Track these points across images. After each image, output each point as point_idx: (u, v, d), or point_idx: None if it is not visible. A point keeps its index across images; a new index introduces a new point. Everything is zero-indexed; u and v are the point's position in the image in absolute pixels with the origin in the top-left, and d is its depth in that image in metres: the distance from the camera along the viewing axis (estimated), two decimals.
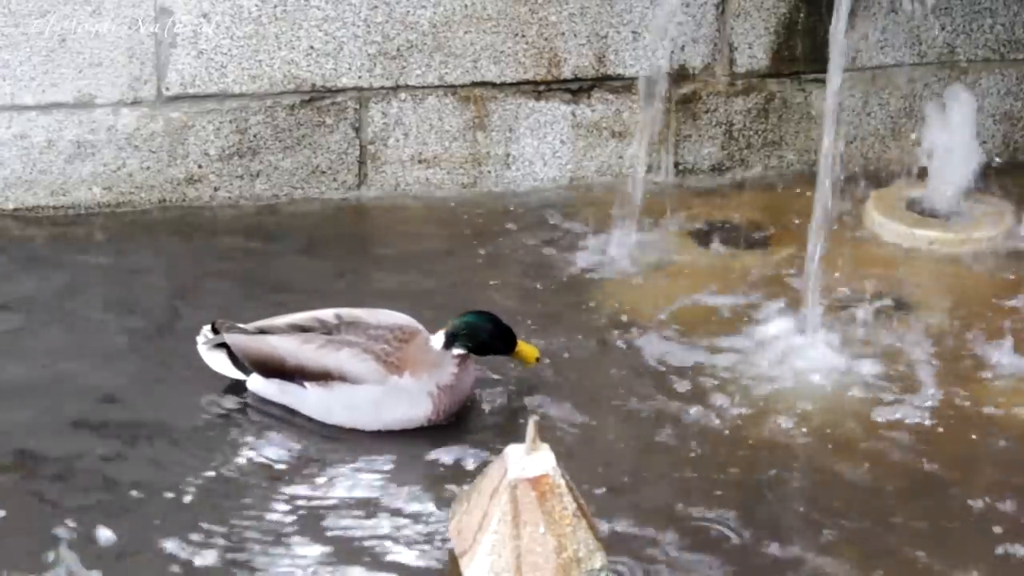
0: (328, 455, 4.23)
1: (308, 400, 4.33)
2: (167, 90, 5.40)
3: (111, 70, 5.33)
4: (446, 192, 5.65)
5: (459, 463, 4.21)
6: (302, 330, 4.35)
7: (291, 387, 4.34)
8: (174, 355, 4.61)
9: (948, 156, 5.45)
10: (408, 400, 4.27)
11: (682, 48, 5.62)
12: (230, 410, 4.40)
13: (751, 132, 5.80)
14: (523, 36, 5.56)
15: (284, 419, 4.36)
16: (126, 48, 5.32)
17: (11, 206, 5.40)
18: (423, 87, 5.55)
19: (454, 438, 4.30)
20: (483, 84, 5.59)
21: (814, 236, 4.85)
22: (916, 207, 5.46)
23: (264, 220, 5.45)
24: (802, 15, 5.70)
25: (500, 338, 4.34)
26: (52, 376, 4.54)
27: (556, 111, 5.66)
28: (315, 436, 4.30)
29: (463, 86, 5.58)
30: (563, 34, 5.58)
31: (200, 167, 5.48)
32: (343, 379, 4.28)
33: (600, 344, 4.77)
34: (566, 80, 5.64)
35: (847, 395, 4.54)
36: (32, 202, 5.41)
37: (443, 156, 5.63)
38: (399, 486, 4.12)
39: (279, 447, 4.26)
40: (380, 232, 5.48)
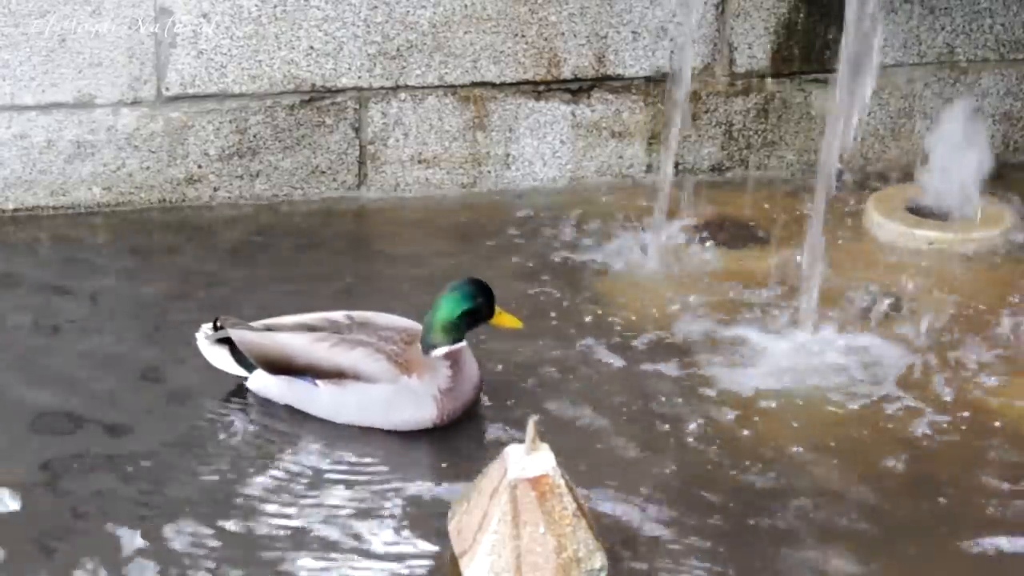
0: (329, 455, 4.23)
1: (319, 398, 4.32)
2: (167, 90, 5.40)
3: (111, 70, 5.33)
4: (446, 192, 5.65)
5: (459, 463, 4.21)
6: (311, 330, 4.34)
7: (300, 384, 4.33)
8: (174, 355, 4.61)
9: (948, 156, 5.45)
10: (415, 401, 4.27)
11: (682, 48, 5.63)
12: (230, 410, 4.40)
13: (751, 132, 5.80)
14: (523, 36, 5.56)
15: (285, 419, 4.36)
16: (126, 48, 5.32)
17: (11, 206, 5.40)
18: (423, 87, 5.56)
19: (454, 438, 4.30)
20: (483, 84, 5.59)
21: (813, 236, 4.86)
22: (916, 207, 5.47)
23: (264, 220, 5.45)
24: (802, 16, 5.70)
25: (468, 310, 4.25)
26: (51, 376, 4.54)
27: (556, 111, 5.66)
28: (316, 436, 4.30)
29: (463, 86, 5.58)
30: (563, 34, 5.58)
31: (200, 167, 5.48)
32: (357, 378, 4.28)
33: (600, 344, 4.77)
34: (566, 80, 5.64)
35: (846, 395, 4.55)
36: (32, 202, 5.41)
37: (443, 156, 5.63)
38: (399, 486, 4.12)
39: (279, 446, 4.26)
40: (380, 232, 5.48)
